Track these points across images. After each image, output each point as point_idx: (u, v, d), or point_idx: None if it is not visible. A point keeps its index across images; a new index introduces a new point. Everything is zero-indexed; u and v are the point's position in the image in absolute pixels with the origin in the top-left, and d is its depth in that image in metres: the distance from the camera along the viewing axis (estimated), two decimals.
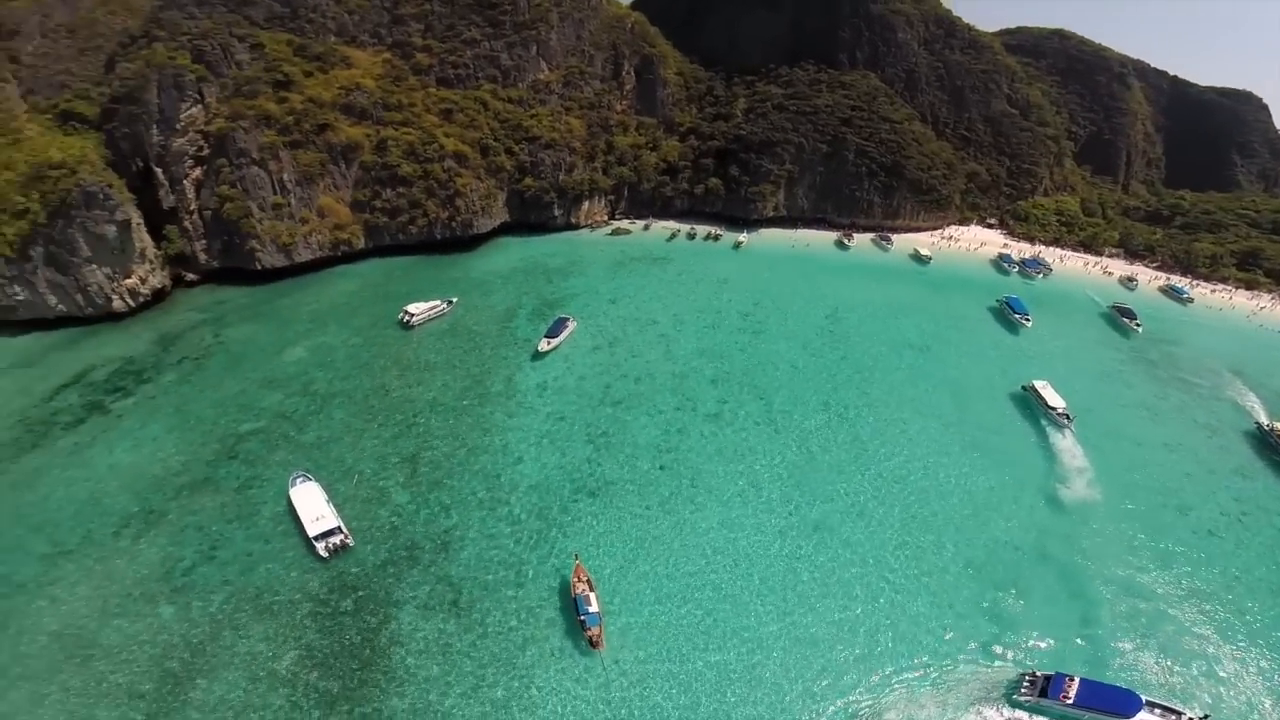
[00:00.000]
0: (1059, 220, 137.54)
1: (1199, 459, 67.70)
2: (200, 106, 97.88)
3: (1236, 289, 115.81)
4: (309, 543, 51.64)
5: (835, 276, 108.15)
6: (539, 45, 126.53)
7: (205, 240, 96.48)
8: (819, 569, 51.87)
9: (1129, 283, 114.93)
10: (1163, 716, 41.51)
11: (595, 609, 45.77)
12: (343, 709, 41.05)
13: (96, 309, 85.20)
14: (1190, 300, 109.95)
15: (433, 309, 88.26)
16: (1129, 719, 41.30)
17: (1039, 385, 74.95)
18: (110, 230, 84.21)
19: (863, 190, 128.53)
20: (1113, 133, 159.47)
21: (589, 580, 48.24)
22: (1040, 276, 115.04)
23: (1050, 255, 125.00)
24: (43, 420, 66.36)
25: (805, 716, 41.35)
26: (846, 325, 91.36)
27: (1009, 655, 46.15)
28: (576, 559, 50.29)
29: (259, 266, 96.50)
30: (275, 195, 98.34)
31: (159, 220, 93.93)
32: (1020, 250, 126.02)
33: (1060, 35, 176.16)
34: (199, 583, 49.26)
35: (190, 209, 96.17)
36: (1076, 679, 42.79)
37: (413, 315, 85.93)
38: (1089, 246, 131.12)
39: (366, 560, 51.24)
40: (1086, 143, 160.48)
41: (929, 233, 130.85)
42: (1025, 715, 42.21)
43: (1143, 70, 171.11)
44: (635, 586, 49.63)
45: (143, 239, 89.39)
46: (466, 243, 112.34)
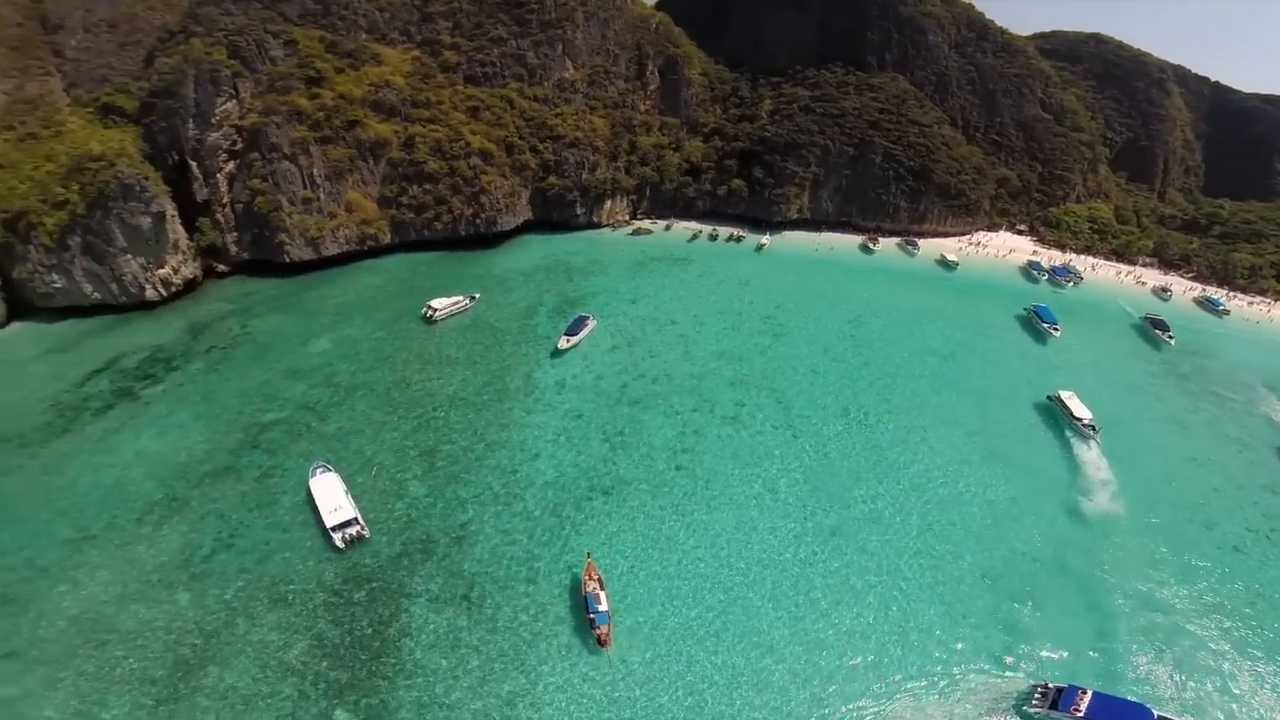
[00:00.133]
0: (1091, 228, 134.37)
1: (1228, 474, 65.97)
2: (235, 101, 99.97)
3: (1276, 301, 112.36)
4: (326, 533, 52.34)
5: (859, 281, 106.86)
6: (564, 44, 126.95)
7: (236, 233, 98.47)
8: (833, 575, 51.45)
9: (1163, 293, 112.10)
10: None
11: (605, 608, 45.86)
12: (350, 699, 41.54)
13: (130, 298, 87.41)
14: (1226, 312, 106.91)
15: (455, 304, 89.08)
16: None
17: (1065, 395, 73.40)
18: (146, 221, 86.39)
19: (889, 194, 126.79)
20: (1150, 139, 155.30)
21: (600, 579, 48.35)
22: (1070, 285, 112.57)
23: (1081, 263, 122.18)
24: (74, 405, 68.21)
25: None
26: (869, 330, 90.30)
27: (1021, 666, 45.48)
28: (589, 556, 50.44)
29: (287, 259, 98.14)
30: (305, 190, 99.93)
31: (192, 212, 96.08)
32: (1050, 258, 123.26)
33: (1097, 39, 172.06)
34: (216, 570, 50.15)
35: (223, 202, 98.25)
36: (1089, 692, 42.08)
37: (436, 310, 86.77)
38: (1122, 255, 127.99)
39: (382, 552, 51.85)
40: (1122, 149, 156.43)
41: (956, 238, 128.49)
42: None
43: (1183, 75, 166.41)
44: (646, 586, 49.64)
45: (176, 230, 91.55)
46: (490, 240, 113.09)
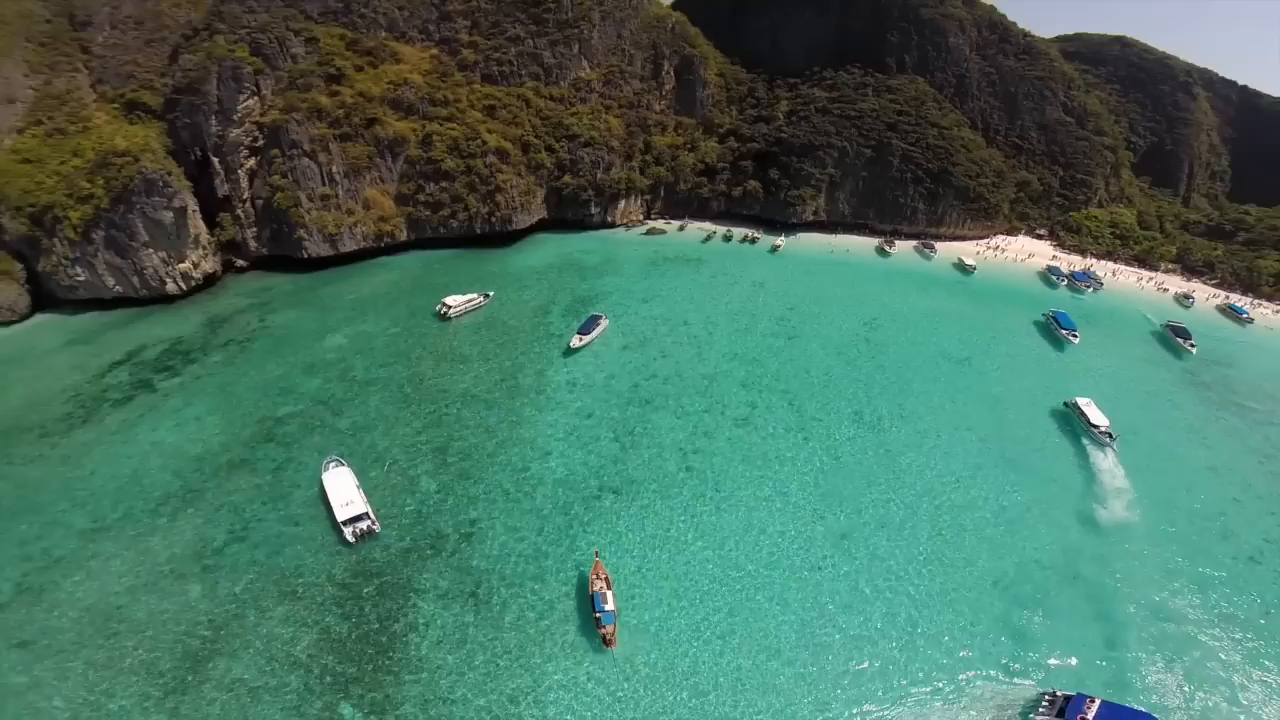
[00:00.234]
0: (1113, 233, 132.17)
1: (1248, 484, 64.66)
2: (256, 98, 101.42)
3: None
4: (337, 527, 52.83)
5: (875, 283, 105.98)
6: (581, 44, 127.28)
7: (256, 228, 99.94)
8: (842, 579, 51.10)
9: (1185, 300, 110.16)
10: None
11: (611, 607, 45.89)
12: (355, 693, 41.89)
13: (151, 291, 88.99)
14: (1250, 320, 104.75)
15: (470, 302, 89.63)
16: None
17: (1082, 402, 72.40)
18: (168, 216, 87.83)
19: (907, 196, 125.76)
20: (1175, 143, 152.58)
21: (606, 578, 48.39)
22: (1090, 290, 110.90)
23: (1102, 269, 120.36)
24: (94, 396, 69.48)
25: None
26: (884, 334, 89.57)
27: (1029, 674, 45.03)
28: (597, 555, 50.56)
29: (305, 255, 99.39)
30: (324, 186, 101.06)
31: (213, 208, 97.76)
32: (1070, 263, 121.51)
33: (1122, 42, 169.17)
34: (228, 562, 50.80)
35: (243, 198, 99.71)
36: (1096, 701, 41.61)
37: (450, 307, 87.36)
38: (1144, 261, 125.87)
39: (391, 547, 52.26)
40: (1146, 153, 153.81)
41: (974, 242, 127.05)
42: None
43: (1209, 79, 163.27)
44: (653, 586, 49.60)
45: (197, 225, 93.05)
46: (505, 238, 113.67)
